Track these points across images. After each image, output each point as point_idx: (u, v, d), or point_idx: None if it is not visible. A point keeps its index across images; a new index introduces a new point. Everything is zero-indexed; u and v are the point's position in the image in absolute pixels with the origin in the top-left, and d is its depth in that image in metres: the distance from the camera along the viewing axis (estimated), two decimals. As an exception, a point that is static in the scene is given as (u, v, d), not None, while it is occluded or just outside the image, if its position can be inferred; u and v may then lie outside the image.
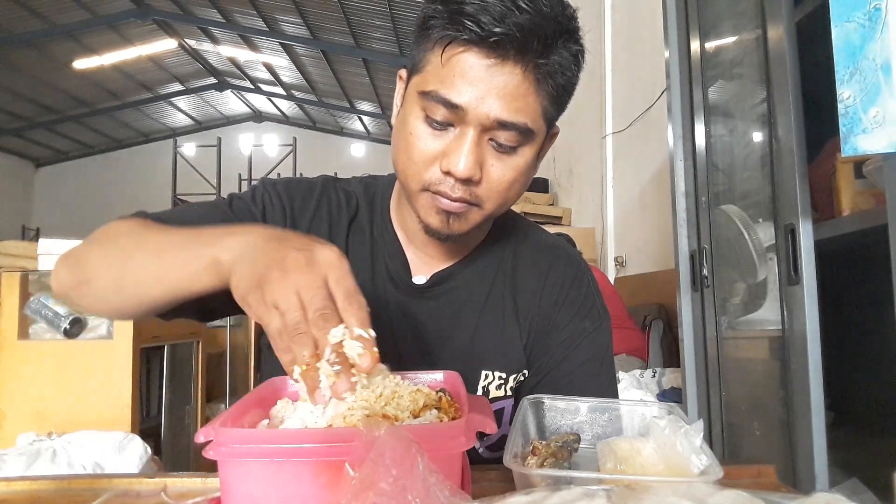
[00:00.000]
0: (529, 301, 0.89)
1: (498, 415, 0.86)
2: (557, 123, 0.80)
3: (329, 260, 0.55)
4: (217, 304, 0.69)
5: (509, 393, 0.87)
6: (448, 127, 0.72)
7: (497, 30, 0.66)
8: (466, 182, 0.72)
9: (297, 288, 0.52)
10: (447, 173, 0.72)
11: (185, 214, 0.80)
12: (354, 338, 0.51)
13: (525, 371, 0.88)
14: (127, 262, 0.68)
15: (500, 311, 0.88)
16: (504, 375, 0.86)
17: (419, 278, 0.86)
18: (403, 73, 0.80)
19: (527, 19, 0.66)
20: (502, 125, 0.70)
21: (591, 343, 0.88)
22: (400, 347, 0.83)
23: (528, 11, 0.67)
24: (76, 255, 0.73)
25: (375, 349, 0.52)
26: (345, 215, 0.88)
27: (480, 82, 0.68)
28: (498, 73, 0.68)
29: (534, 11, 0.67)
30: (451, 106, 0.69)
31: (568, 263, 0.92)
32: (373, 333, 0.53)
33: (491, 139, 0.72)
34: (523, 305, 0.88)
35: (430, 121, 0.72)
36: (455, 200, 0.73)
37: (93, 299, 0.72)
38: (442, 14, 0.69)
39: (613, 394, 0.90)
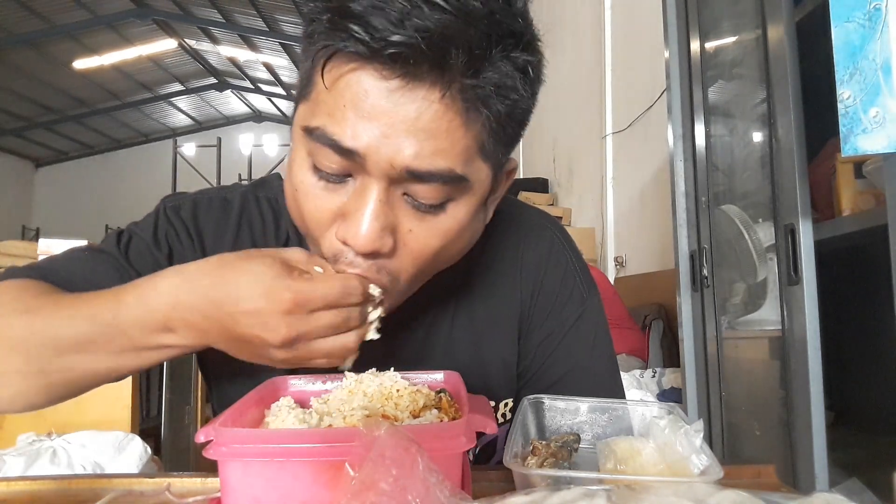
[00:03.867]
0: (507, 305, 0.74)
1: (490, 446, 0.75)
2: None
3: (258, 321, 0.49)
4: None
5: (501, 420, 0.74)
6: (345, 179, 0.52)
7: (395, 38, 0.45)
8: (372, 256, 0.53)
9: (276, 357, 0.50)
10: (344, 242, 0.53)
11: (73, 274, 0.64)
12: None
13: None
14: (45, 366, 0.55)
15: (473, 330, 0.73)
16: (493, 404, 0.73)
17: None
18: None
19: (441, 20, 0.45)
20: (416, 175, 0.50)
21: (575, 334, 0.74)
22: None
23: (443, 8, 0.45)
24: None
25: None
26: (273, 242, 0.71)
27: (381, 115, 0.48)
28: (405, 100, 0.48)
29: (453, 8, 0.46)
30: (343, 151, 0.50)
31: (539, 240, 0.76)
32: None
33: (406, 193, 0.52)
34: (501, 313, 0.74)
35: (318, 171, 0.53)
36: None
37: (7, 403, 0.58)
38: (321, 15, 0.49)
39: (612, 378, 0.77)
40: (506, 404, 0.75)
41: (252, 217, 0.71)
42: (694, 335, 1.84)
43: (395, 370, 0.58)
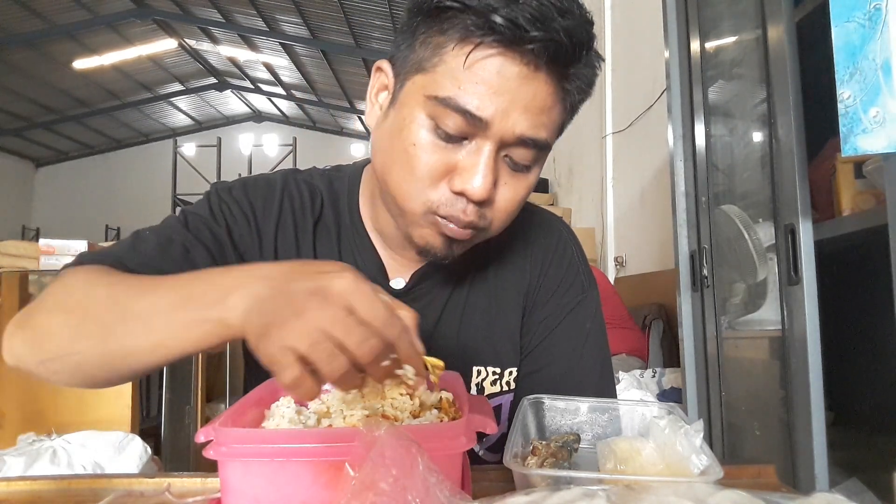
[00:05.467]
0: (516, 280, 0.82)
1: (496, 412, 0.81)
2: None
3: (346, 286, 0.47)
4: None
5: (505, 388, 0.81)
6: (462, 140, 0.63)
7: (536, 34, 0.58)
8: (481, 204, 0.65)
9: (319, 326, 0.45)
10: (459, 193, 0.64)
11: (143, 253, 0.68)
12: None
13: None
14: (110, 335, 0.56)
15: (486, 300, 0.81)
16: (498, 370, 0.80)
17: (397, 282, 0.79)
18: (386, 65, 0.70)
19: (569, 23, 0.59)
20: (524, 142, 0.63)
21: (572, 320, 0.82)
22: None
23: (568, 12, 0.59)
24: (35, 327, 0.60)
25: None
26: (309, 215, 0.79)
27: (507, 92, 0.60)
28: (528, 82, 0.61)
29: (571, 13, 0.59)
30: (472, 118, 0.61)
31: (549, 232, 0.86)
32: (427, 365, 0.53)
33: (507, 155, 0.65)
34: (511, 287, 0.82)
35: (439, 131, 0.63)
36: (465, 227, 0.65)
37: (69, 375, 0.60)
38: (463, 6, 0.60)
39: (604, 369, 0.83)
40: (510, 372, 0.81)
41: (292, 194, 0.80)
42: (694, 335, 1.84)
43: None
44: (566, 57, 0.61)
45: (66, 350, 0.58)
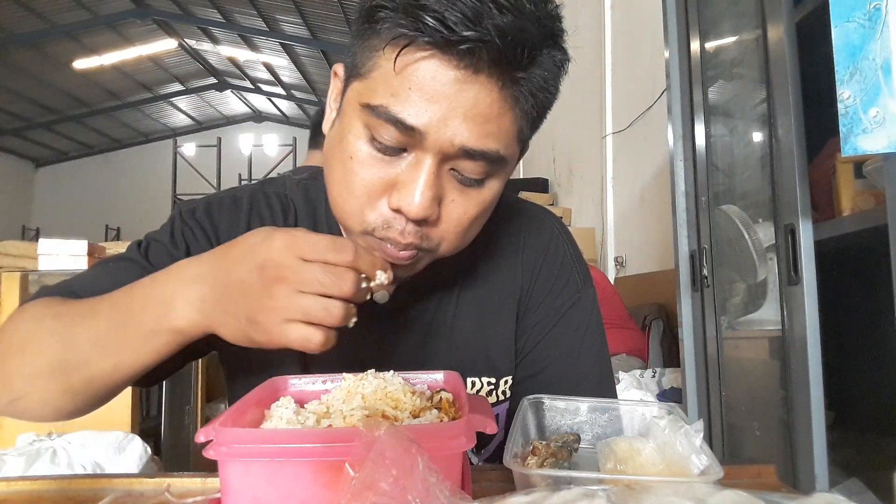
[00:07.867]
0: (508, 285, 0.78)
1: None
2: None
3: (283, 244, 0.51)
4: (186, 357, 0.66)
5: (501, 397, 0.78)
6: (400, 152, 0.58)
7: (468, 34, 0.51)
8: (420, 223, 0.59)
9: (295, 291, 0.49)
10: (397, 210, 0.58)
11: (98, 282, 0.68)
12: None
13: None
14: (67, 366, 0.58)
15: (477, 308, 0.77)
16: (493, 380, 0.77)
17: (381, 296, 0.76)
18: (340, 69, 0.65)
19: (509, 22, 0.52)
20: (469, 154, 0.57)
21: (568, 321, 0.78)
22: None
23: (509, 10, 0.52)
24: None
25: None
26: None
27: (444, 99, 0.54)
28: (467, 88, 0.54)
29: (515, 10, 0.53)
30: (405, 128, 0.55)
31: (539, 231, 0.81)
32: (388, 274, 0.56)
33: (453, 168, 0.59)
34: (502, 293, 0.78)
35: (376, 143, 0.58)
36: (404, 248, 0.60)
37: (37, 411, 0.61)
38: (395, 5, 0.54)
39: (602, 369, 0.80)
40: (506, 381, 0.78)
41: (261, 211, 0.76)
42: (694, 335, 1.84)
43: (404, 349, 0.63)
44: (508, 60, 0.54)
45: (27, 389, 0.60)
